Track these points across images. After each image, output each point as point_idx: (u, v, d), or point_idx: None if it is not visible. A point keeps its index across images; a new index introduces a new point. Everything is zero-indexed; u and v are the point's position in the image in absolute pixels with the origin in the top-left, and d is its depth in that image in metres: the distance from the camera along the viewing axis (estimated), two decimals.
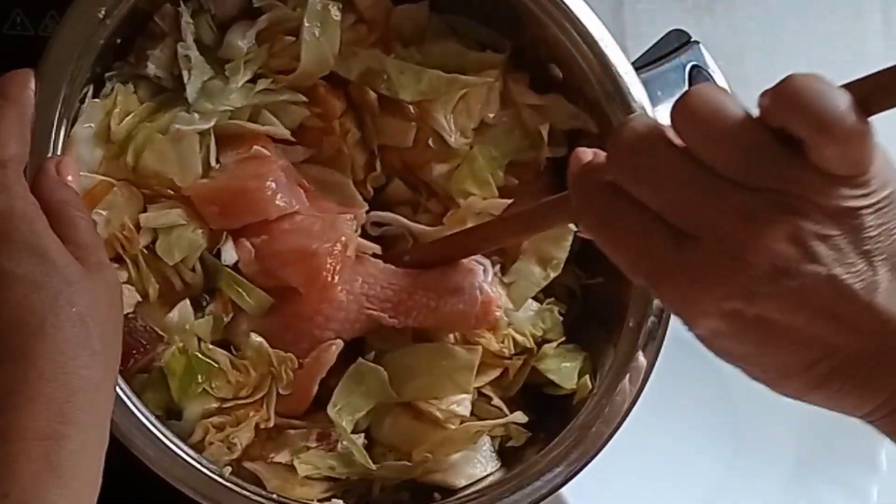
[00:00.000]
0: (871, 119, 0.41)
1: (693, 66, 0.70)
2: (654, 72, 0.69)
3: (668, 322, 0.65)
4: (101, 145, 0.61)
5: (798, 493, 0.85)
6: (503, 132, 0.69)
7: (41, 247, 0.49)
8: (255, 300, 0.63)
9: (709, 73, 0.71)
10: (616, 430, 0.63)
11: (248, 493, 0.59)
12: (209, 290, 0.63)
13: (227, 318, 0.63)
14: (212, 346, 0.62)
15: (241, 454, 0.61)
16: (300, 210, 0.63)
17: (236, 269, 0.63)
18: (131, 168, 0.61)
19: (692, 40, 0.72)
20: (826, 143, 0.40)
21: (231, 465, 0.61)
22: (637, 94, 0.66)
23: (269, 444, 0.63)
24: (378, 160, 0.68)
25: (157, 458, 0.57)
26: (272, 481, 0.61)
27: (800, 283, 0.42)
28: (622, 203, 0.45)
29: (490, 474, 0.65)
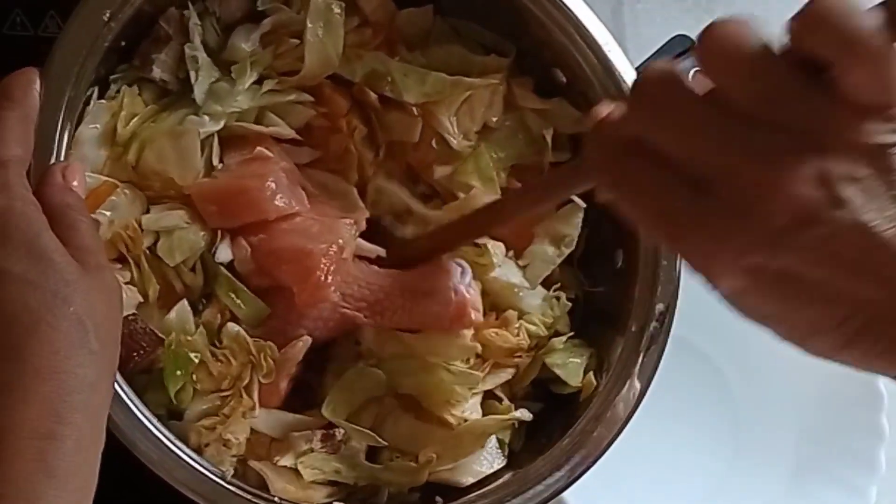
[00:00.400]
0: None
1: (697, 72, 0.70)
2: None
3: (671, 327, 0.65)
4: (106, 146, 0.60)
5: (798, 493, 0.85)
6: (507, 136, 0.69)
7: (39, 246, 0.49)
8: (250, 308, 0.62)
9: None
10: (618, 435, 0.64)
11: (250, 496, 0.58)
12: (206, 295, 0.63)
13: (218, 320, 0.62)
14: (191, 338, 0.61)
15: (246, 452, 0.61)
16: (300, 212, 0.63)
17: (231, 268, 0.62)
18: (133, 167, 0.61)
19: (695, 45, 0.71)
20: (853, 64, 0.38)
21: (237, 468, 0.61)
22: None
23: (275, 445, 0.63)
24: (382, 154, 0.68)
25: (160, 461, 0.57)
26: (276, 484, 0.61)
27: (826, 231, 0.39)
28: (640, 159, 0.43)
29: (496, 472, 0.65)
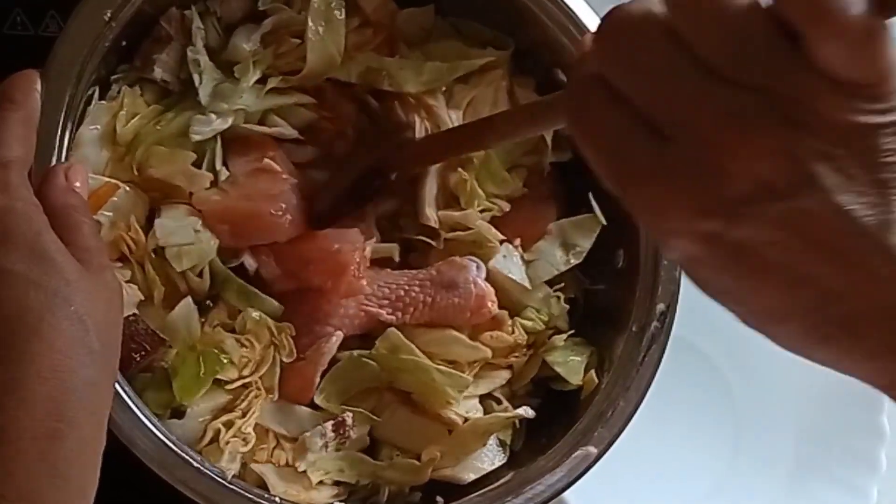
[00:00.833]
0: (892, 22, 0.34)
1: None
2: None
3: (672, 327, 0.65)
4: (108, 147, 0.60)
5: (798, 493, 0.86)
6: None
7: (40, 246, 0.49)
8: (265, 311, 0.63)
9: None
10: (618, 436, 0.64)
11: (252, 497, 0.58)
12: (212, 296, 0.63)
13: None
14: (213, 329, 0.61)
15: (248, 456, 0.61)
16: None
17: (258, 276, 0.63)
18: (136, 173, 0.61)
19: None
20: (820, 36, 0.34)
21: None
22: None
23: (283, 445, 0.63)
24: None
25: (161, 461, 0.57)
26: (278, 486, 0.61)
27: (791, 206, 0.36)
28: (603, 97, 0.39)
29: (497, 471, 0.65)
